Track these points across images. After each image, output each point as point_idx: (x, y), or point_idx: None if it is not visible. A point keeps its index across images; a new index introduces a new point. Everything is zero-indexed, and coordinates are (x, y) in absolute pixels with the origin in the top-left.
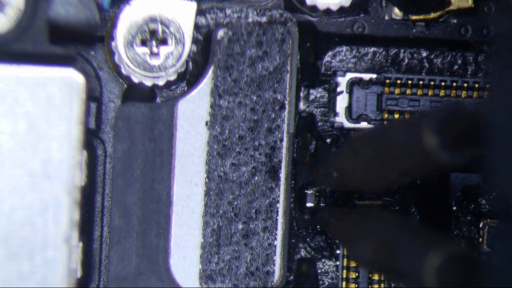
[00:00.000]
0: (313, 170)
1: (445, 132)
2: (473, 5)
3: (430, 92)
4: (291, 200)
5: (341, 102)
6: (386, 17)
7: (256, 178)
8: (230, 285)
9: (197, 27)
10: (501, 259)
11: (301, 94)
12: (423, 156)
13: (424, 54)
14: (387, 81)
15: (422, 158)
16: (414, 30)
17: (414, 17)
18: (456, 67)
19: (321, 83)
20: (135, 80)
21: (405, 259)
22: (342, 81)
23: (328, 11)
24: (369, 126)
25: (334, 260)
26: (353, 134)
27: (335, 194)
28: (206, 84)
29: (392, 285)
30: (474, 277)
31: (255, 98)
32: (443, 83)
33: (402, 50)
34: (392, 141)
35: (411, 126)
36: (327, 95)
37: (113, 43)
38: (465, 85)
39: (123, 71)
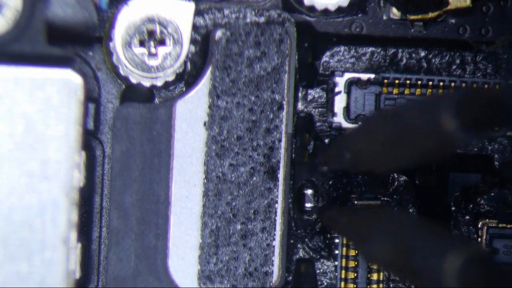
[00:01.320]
0: (324, 151)
1: (463, 114)
2: (471, 5)
3: (428, 92)
4: (290, 200)
5: (339, 102)
6: (384, 17)
7: (255, 178)
8: (228, 286)
9: (195, 27)
10: None
11: (299, 94)
12: (441, 137)
13: (422, 54)
14: (385, 81)
15: (440, 140)
16: (412, 30)
17: (412, 17)
18: (454, 66)
19: (319, 83)
20: (133, 80)
21: (422, 260)
22: (340, 81)
23: (326, 11)
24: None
25: (332, 260)
26: (368, 115)
27: (333, 193)
28: (204, 84)
29: (391, 285)
30: (493, 279)
31: (253, 98)
32: (441, 83)
33: (400, 50)
34: (408, 123)
35: (429, 108)
36: (325, 95)
37: (111, 44)
38: (463, 85)
39: (121, 72)
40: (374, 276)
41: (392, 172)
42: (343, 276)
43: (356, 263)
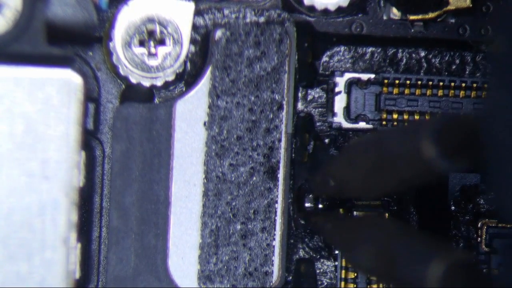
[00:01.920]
0: (310, 178)
1: (443, 141)
2: (471, 5)
3: (428, 92)
4: (290, 200)
5: (339, 102)
6: (384, 17)
7: (255, 178)
8: (228, 286)
9: (195, 27)
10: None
11: (299, 95)
12: (422, 165)
13: (422, 54)
14: (385, 81)
15: (421, 167)
16: (412, 30)
17: (412, 17)
18: (454, 67)
19: (319, 83)
20: (133, 80)
21: (406, 267)
22: (340, 81)
23: (326, 11)
24: (368, 126)
25: (332, 260)
26: (349, 143)
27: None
28: (204, 84)
29: (391, 285)
30: (477, 284)
31: (253, 98)
32: (441, 83)
33: (400, 50)
34: (389, 151)
35: (409, 136)
36: (325, 95)
37: (111, 44)
38: (463, 84)
39: (121, 72)
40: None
41: (375, 198)
42: (343, 276)
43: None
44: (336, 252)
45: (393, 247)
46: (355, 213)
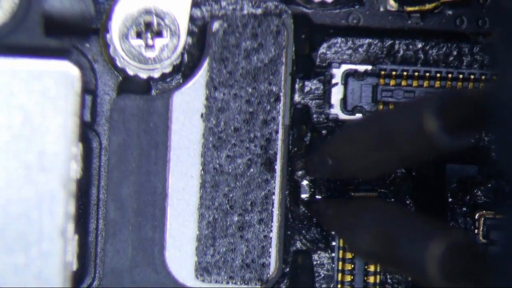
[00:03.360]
0: (307, 159)
1: (446, 116)
2: None
3: (425, 84)
4: (287, 192)
5: (336, 94)
6: (381, 9)
7: (252, 170)
8: (225, 277)
9: (192, 19)
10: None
11: (296, 86)
12: (423, 140)
13: (419, 45)
14: (382, 72)
15: (422, 143)
16: (409, 22)
17: (409, 9)
18: (451, 58)
19: (316, 74)
20: (130, 72)
21: (405, 249)
22: (337, 73)
23: (323, 3)
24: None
25: (329, 252)
26: (349, 121)
27: (330, 185)
28: (201, 76)
29: (388, 277)
30: (476, 265)
31: (250, 90)
32: (438, 74)
33: (397, 42)
34: (390, 126)
35: (411, 110)
36: (322, 86)
37: (108, 36)
38: (461, 76)
39: (118, 64)
40: (371, 268)
41: (375, 177)
42: (340, 268)
43: (353, 254)
44: (333, 243)
45: (391, 228)
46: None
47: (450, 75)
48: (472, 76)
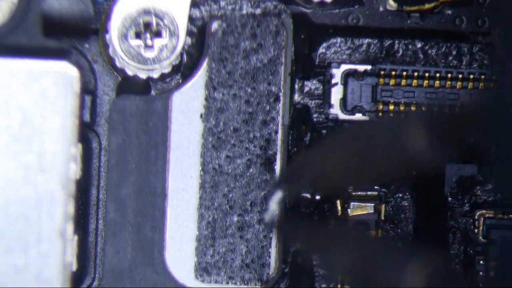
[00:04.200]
0: (281, 179)
1: (431, 129)
2: None
3: (425, 83)
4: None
5: (336, 94)
6: (381, 8)
7: (251, 170)
8: (225, 278)
9: (191, 19)
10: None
11: (296, 86)
12: (407, 155)
13: (419, 45)
14: (382, 72)
15: (407, 157)
16: (408, 21)
17: (408, 8)
18: (451, 58)
19: (316, 75)
20: (130, 72)
21: (384, 273)
22: (337, 73)
23: (322, 3)
24: (364, 117)
25: None
26: (333, 133)
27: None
28: (200, 76)
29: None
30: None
31: (249, 90)
32: (438, 74)
33: (396, 41)
34: (374, 140)
35: (395, 124)
36: (321, 87)
37: (107, 36)
38: (460, 76)
39: (118, 64)
40: None
41: (355, 189)
42: None
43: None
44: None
45: (370, 253)
46: (351, 204)
47: (449, 75)
48: (471, 76)
